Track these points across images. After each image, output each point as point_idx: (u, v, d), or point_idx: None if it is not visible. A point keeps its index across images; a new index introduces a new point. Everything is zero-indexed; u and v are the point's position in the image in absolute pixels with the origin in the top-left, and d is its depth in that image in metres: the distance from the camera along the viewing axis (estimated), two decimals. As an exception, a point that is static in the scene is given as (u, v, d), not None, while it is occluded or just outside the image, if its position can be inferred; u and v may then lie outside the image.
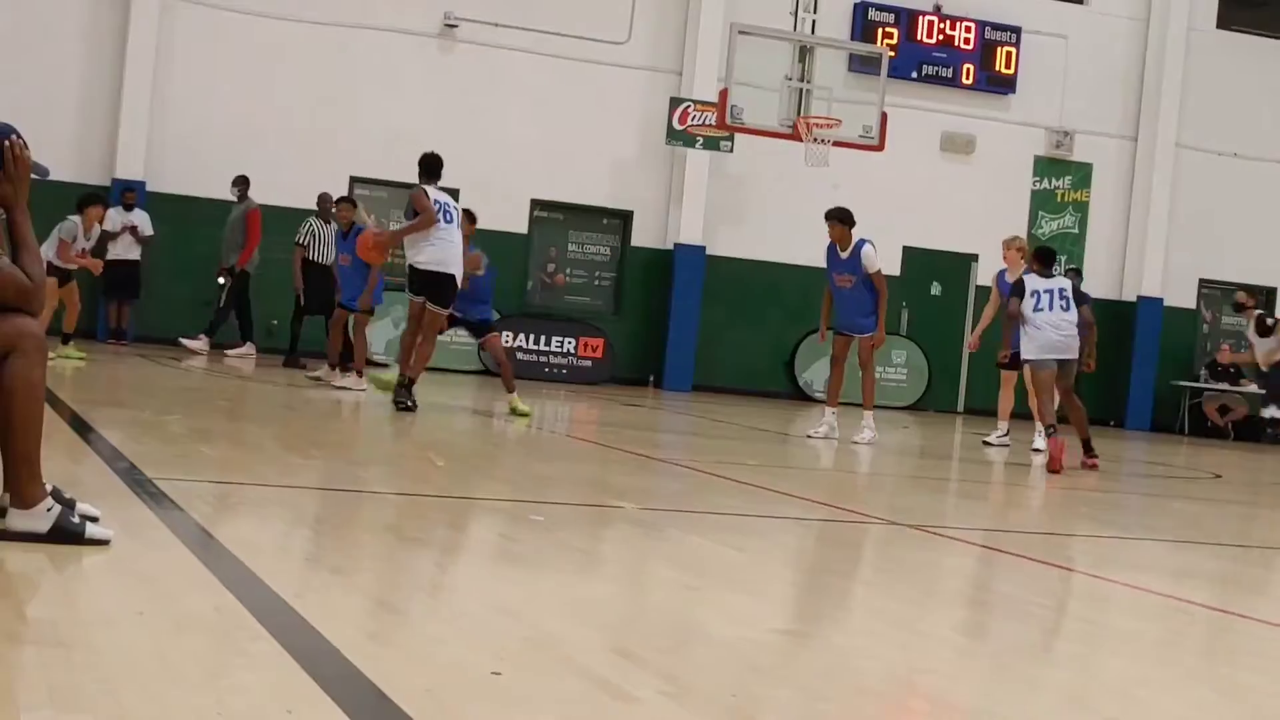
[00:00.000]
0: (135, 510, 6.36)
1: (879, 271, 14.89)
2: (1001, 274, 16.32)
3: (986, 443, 16.62)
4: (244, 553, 5.63)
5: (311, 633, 4.42)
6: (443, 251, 13.83)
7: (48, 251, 16.36)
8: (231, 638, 4.30)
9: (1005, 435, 16.65)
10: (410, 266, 13.98)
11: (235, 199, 21.07)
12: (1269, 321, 18.44)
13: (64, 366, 15.18)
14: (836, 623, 5.59)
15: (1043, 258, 14.51)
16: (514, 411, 14.47)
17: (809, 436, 15.34)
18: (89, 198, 17.75)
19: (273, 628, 4.41)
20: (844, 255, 14.90)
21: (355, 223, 16.64)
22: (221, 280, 20.75)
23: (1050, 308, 14.12)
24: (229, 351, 20.53)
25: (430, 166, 14.21)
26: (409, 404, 13.45)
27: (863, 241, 14.84)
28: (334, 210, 17.91)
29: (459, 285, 14.10)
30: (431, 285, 13.84)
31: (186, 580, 5.07)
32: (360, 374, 16.02)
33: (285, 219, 20.97)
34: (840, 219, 14.90)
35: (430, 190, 13.94)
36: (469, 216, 15.09)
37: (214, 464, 8.66)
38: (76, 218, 17.21)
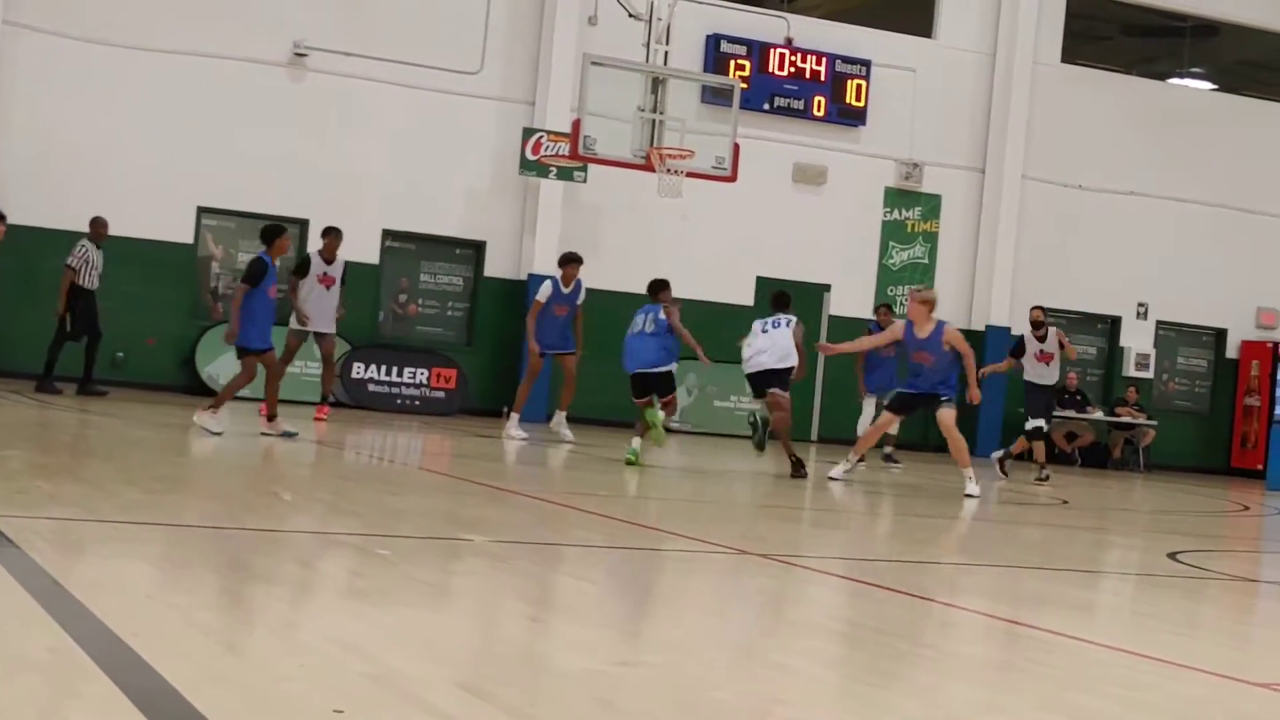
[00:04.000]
0: (-32, 548, 6.18)
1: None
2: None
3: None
4: (82, 591, 5.49)
5: (150, 673, 4.30)
6: None
7: None
8: (66, 679, 4.18)
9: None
10: None
11: None
12: None
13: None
14: (688, 654, 5.55)
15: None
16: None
17: (566, 442, 18.19)
18: None
19: (110, 668, 4.30)
20: (566, 291, 18.34)
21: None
22: None
23: None
24: None
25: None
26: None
27: (581, 280, 18.48)
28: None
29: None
30: None
31: (20, 620, 4.92)
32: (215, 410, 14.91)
33: (135, 249, 20.67)
34: (578, 261, 18.51)
35: None
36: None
37: (53, 500, 8.45)
38: None
